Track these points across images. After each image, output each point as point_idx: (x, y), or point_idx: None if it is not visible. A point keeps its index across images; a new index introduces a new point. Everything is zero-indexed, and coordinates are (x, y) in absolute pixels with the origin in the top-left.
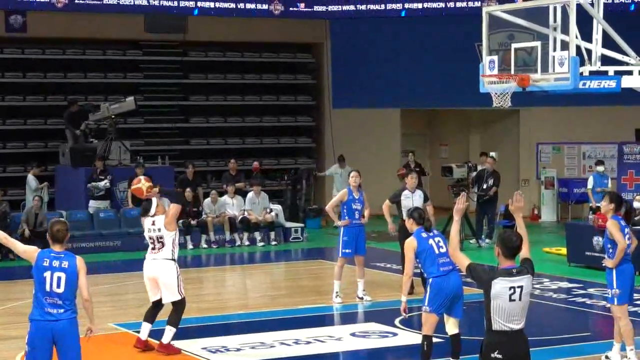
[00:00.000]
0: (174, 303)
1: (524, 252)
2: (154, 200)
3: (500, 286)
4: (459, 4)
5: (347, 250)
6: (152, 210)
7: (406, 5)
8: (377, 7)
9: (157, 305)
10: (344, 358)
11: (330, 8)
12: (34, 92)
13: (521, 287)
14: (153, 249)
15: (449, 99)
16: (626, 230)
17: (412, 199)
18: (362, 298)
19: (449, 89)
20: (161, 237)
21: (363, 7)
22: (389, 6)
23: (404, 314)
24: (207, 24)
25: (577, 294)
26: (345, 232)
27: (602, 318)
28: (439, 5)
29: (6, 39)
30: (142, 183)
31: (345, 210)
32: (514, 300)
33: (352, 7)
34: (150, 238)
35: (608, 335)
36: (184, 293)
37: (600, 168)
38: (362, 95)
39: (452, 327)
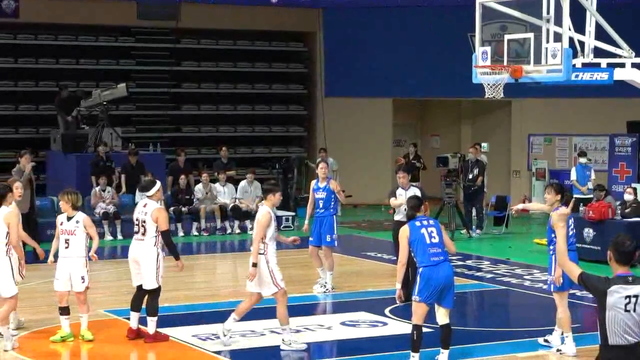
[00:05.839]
0: (149, 291)
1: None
2: (158, 184)
3: (617, 295)
4: None
5: (310, 238)
6: (152, 192)
7: None
8: None
9: (141, 290)
10: (334, 347)
11: None
12: (26, 78)
13: (637, 296)
14: (137, 232)
15: (441, 89)
16: (570, 221)
17: (404, 198)
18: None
19: (441, 79)
20: (144, 222)
21: None
22: None
23: (399, 301)
24: (200, 12)
25: None
26: (314, 221)
27: (592, 310)
28: None
29: None
30: None
31: None
32: (629, 310)
33: None
34: (136, 220)
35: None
36: (161, 282)
37: (583, 159)
38: (354, 84)
39: (442, 317)
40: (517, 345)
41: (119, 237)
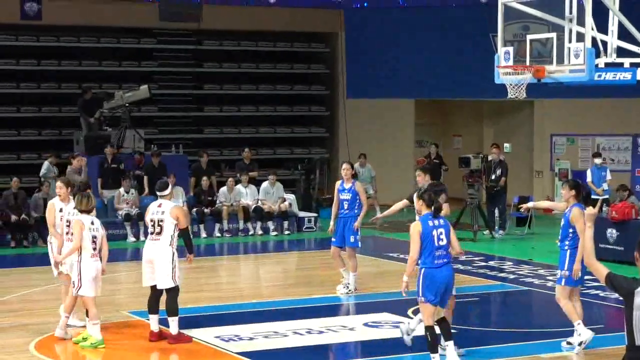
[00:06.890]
0: (167, 290)
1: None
2: (171, 186)
3: None
4: None
5: (333, 239)
6: (167, 191)
7: None
8: None
9: (156, 291)
10: (357, 348)
11: None
12: (49, 80)
13: None
14: (152, 232)
15: (463, 89)
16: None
17: None
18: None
19: (464, 79)
20: (161, 221)
21: None
22: None
23: (404, 293)
24: (222, 13)
25: (591, 286)
26: (337, 222)
27: (615, 310)
28: None
29: (21, 27)
30: None
31: None
32: None
33: None
34: (151, 220)
35: (621, 326)
36: (178, 281)
37: (598, 160)
38: (376, 85)
39: (436, 313)
40: (541, 346)
41: (142, 238)
